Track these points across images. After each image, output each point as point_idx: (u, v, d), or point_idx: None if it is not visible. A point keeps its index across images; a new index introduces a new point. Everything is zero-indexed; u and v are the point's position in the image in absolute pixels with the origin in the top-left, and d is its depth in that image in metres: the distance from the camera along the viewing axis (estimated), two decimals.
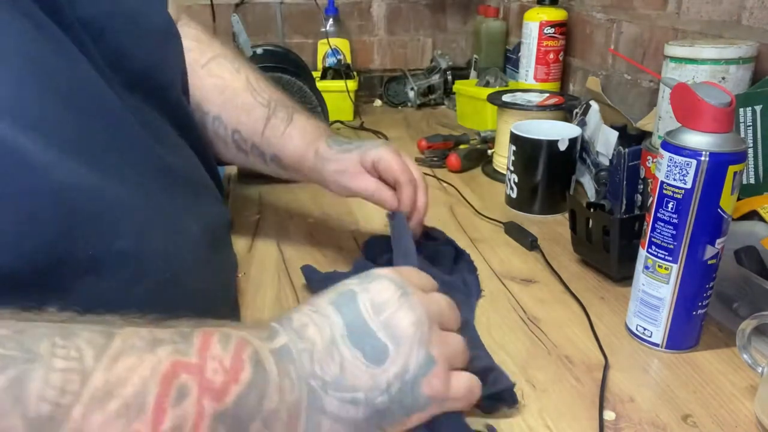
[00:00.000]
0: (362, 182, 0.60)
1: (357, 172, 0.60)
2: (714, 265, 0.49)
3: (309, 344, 0.29)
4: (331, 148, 0.61)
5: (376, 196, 0.59)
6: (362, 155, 0.59)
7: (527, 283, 0.64)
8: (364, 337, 0.29)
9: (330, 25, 1.43)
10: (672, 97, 0.47)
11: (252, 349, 0.28)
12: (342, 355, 0.29)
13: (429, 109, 1.42)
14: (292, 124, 0.64)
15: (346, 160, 0.60)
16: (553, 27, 1.11)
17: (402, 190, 0.58)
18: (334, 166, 0.60)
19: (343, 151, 0.60)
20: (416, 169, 0.61)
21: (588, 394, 0.47)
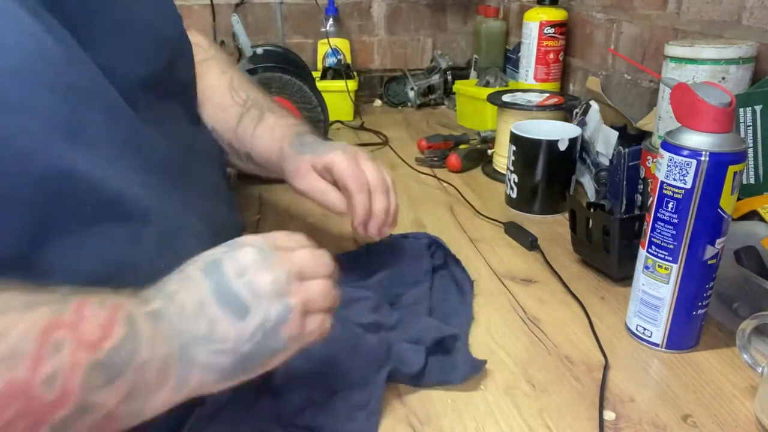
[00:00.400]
0: (309, 183, 0.59)
1: (306, 173, 0.59)
2: (714, 265, 0.49)
3: (179, 306, 0.33)
4: (292, 148, 0.61)
5: (321, 198, 0.58)
6: (314, 157, 0.58)
7: (527, 283, 0.64)
8: (229, 297, 0.34)
9: (330, 25, 1.43)
10: (672, 97, 0.47)
11: (126, 310, 0.31)
12: (210, 314, 0.33)
13: (429, 109, 1.42)
14: (261, 122, 0.65)
15: (299, 160, 0.59)
16: (553, 27, 1.11)
17: (352, 196, 0.56)
18: (289, 165, 0.60)
19: (300, 152, 0.60)
20: (375, 171, 0.58)
21: (588, 394, 0.47)
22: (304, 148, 0.60)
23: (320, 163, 0.58)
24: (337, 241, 0.73)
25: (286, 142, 0.62)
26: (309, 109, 0.87)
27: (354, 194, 0.56)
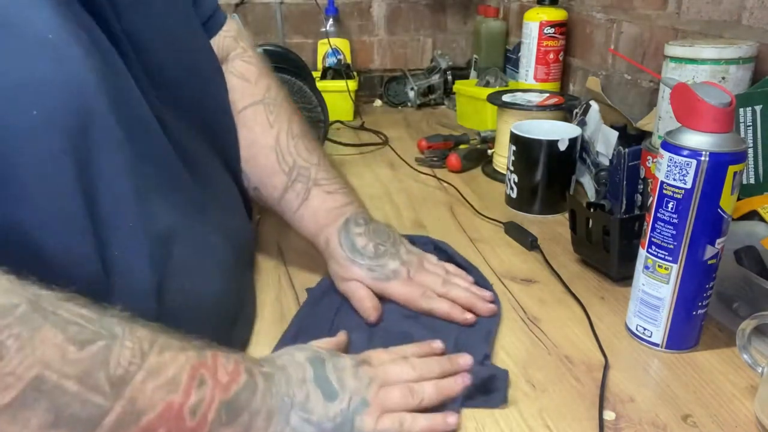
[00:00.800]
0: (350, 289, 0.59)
1: (351, 282, 0.59)
2: (714, 265, 0.49)
3: (286, 377, 0.41)
4: (343, 251, 0.59)
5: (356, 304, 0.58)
6: (371, 281, 0.58)
7: (527, 283, 0.64)
8: (325, 383, 0.41)
9: (330, 25, 1.43)
10: (672, 97, 0.47)
11: (246, 365, 0.39)
12: (308, 389, 0.41)
13: (429, 109, 1.42)
14: (306, 203, 0.62)
15: (350, 271, 0.59)
16: (553, 27, 1.11)
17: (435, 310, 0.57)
18: (336, 267, 0.60)
19: (352, 261, 0.58)
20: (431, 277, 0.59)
21: (588, 394, 0.47)
22: (356, 257, 0.58)
23: (375, 289, 0.58)
24: None
25: (334, 237, 0.60)
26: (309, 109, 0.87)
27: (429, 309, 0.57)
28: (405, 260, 0.59)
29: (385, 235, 0.61)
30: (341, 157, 1.06)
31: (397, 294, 0.58)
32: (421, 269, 0.60)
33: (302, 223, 0.62)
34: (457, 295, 0.58)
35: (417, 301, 0.57)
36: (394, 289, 0.58)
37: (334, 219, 0.61)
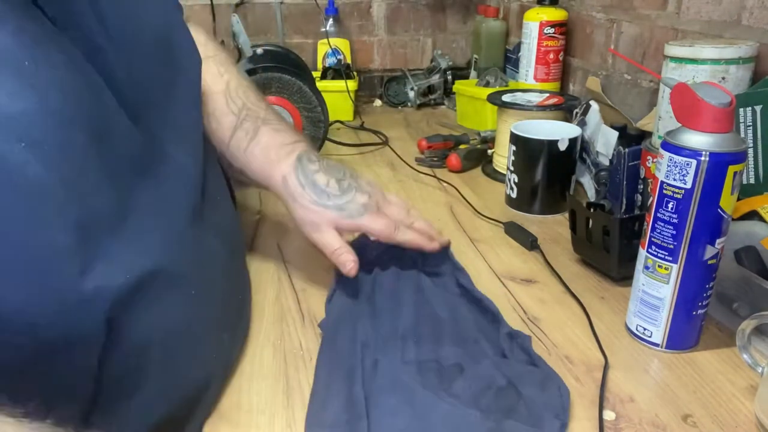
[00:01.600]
0: (323, 238, 0.57)
1: (324, 229, 0.57)
2: (714, 265, 0.49)
3: None
4: (303, 188, 0.57)
5: (332, 258, 0.57)
6: (342, 220, 0.57)
7: (527, 283, 0.64)
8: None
9: (330, 25, 1.43)
10: (672, 97, 0.47)
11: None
12: None
13: (429, 109, 1.42)
14: (255, 139, 0.61)
15: (317, 214, 0.57)
16: (553, 27, 1.11)
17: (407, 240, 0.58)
18: (300, 211, 0.58)
19: (318, 203, 0.57)
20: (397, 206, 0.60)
21: (588, 394, 0.47)
22: (323, 198, 0.57)
23: (351, 226, 0.57)
24: None
25: (291, 176, 0.58)
26: (309, 109, 0.87)
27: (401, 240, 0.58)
28: (370, 192, 0.59)
29: (341, 170, 0.60)
30: (341, 157, 1.06)
31: (373, 228, 0.57)
32: (385, 201, 0.60)
33: (253, 160, 0.61)
34: (420, 225, 0.60)
35: (392, 235, 0.57)
36: (369, 223, 0.57)
37: (286, 155, 0.60)
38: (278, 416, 0.46)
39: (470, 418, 0.43)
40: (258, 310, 0.59)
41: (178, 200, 0.45)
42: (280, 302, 0.61)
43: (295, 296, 0.62)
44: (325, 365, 0.50)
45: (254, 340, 0.55)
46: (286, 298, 0.62)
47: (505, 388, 0.46)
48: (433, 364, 0.49)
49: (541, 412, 0.44)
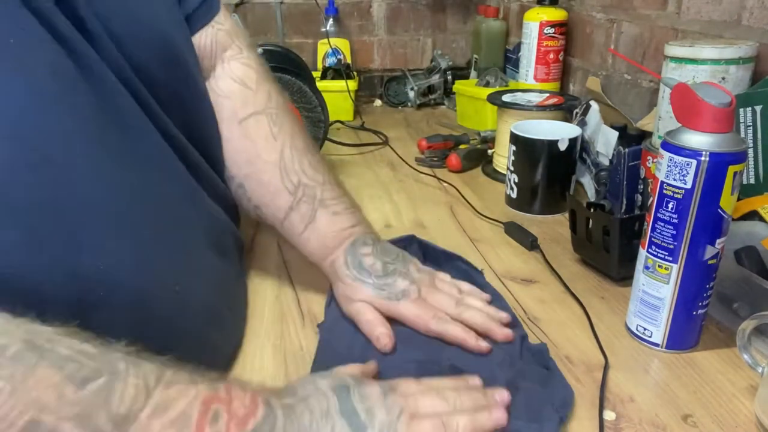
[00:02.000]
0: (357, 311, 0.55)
1: (358, 303, 0.55)
2: (714, 265, 0.49)
3: (309, 409, 0.37)
4: (348, 270, 0.56)
5: (365, 330, 0.54)
6: (378, 299, 0.55)
7: (527, 283, 0.64)
8: (352, 415, 0.38)
9: (330, 25, 1.43)
10: (672, 97, 0.47)
11: (265, 396, 0.36)
12: (334, 422, 0.37)
13: (429, 109, 1.42)
14: (312, 225, 0.58)
15: (356, 290, 0.55)
16: (553, 27, 1.11)
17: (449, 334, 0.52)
18: (342, 288, 0.57)
19: (358, 280, 0.56)
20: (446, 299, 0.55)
21: (588, 394, 0.47)
22: (363, 276, 0.55)
23: (384, 309, 0.54)
24: None
25: (340, 259, 0.57)
26: (309, 109, 0.87)
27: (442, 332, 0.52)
28: (415, 279, 0.56)
29: (394, 254, 0.58)
30: (341, 157, 1.06)
31: (407, 315, 0.54)
32: (433, 288, 0.56)
33: (308, 246, 0.59)
34: (472, 317, 0.53)
35: (428, 324, 0.53)
36: (404, 309, 0.54)
37: (341, 241, 0.58)
38: None
39: None
40: (258, 310, 0.59)
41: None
42: (280, 302, 0.61)
43: (295, 296, 0.62)
44: (321, 365, 0.50)
45: (254, 340, 0.55)
46: (286, 298, 0.62)
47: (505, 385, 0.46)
48: (434, 365, 0.49)
49: (540, 406, 0.44)
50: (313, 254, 0.59)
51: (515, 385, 0.46)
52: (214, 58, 0.60)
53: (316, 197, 0.59)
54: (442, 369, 0.48)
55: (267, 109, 0.60)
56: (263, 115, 0.60)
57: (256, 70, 0.62)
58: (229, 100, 0.59)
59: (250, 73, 0.61)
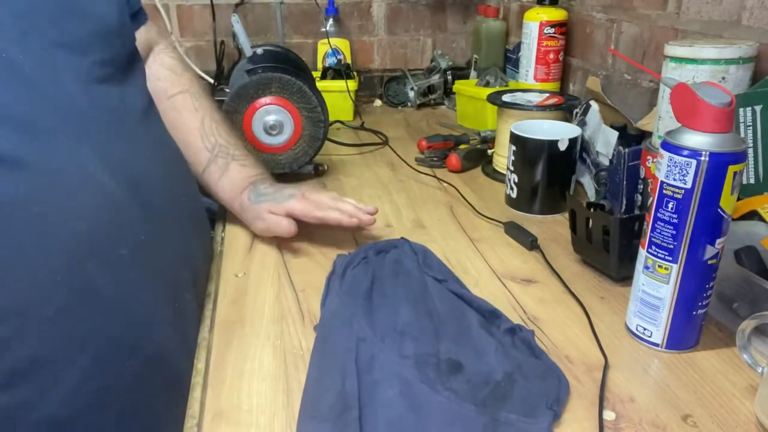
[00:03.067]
0: (266, 221, 0.71)
1: (265, 217, 0.70)
2: (714, 265, 0.49)
3: None
4: (250, 200, 0.72)
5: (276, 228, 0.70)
6: (273, 206, 0.70)
7: (527, 283, 0.64)
8: None
9: (330, 25, 1.43)
10: (672, 97, 0.47)
11: None
12: None
13: (429, 109, 1.42)
14: (225, 174, 0.74)
15: (258, 209, 0.71)
16: (553, 27, 1.11)
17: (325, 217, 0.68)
18: (248, 214, 0.73)
19: (257, 202, 0.71)
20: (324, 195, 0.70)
21: (588, 394, 0.47)
22: (261, 199, 0.72)
23: (280, 210, 0.70)
24: (337, 241, 0.73)
25: (245, 195, 0.73)
26: (309, 110, 0.87)
27: (323, 216, 0.68)
28: (300, 189, 0.72)
29: (286, 187, 0.73)
30: (341, 157, 1.06)
31: (295, 208, 0.69)
32: (315, 191, 0.71)
33: (222, 191, 0.75)
34: (344, 206, 0.69)
35: (312, 212, 0.68)
36: (293, 205, 0.69)
37: (247, 185, 0.74)
38: (278, 416, 0.46)
39: (465, 412, 0.43)
40: (258, 310, 0.59)
41: None
42: (280, 302, 0.61)
43: (295, 296, 0.62)
44: (317, 362, 0.50)
45: (254, 340, 0.55)
46: (286, 298, 0.62)
47: (503, 380, 0.46)
48: (432, 358, 0.49)
49: (535, 402, 0.44)
50: (226, 198, 0.75)
51: (512, 379, 0.46)
52: (147, 51, 0.75)
53: (229, 153, 0.76)
54: (440, 362, 0.48)
55: (190, 90, 0.77)
56: (187, 93, 0.76)
57: (181, 62, 0.79)
58: (161, 81, 0.74)
59: (176, 63, 0.78)
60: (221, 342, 0.54)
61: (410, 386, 0.45)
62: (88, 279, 0.46)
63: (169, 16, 1.38)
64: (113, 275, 0.48)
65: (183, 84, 0.76)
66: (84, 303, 0.46)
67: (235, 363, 0.51)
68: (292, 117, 0.87)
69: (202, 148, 0.74)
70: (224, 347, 0.54)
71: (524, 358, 0.49)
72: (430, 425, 0.42)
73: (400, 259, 0.63)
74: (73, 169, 0.47)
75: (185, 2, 1.38)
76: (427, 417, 0.43)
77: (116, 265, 0.49)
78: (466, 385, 0.46)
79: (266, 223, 0.70)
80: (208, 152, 0.74)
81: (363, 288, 0.58)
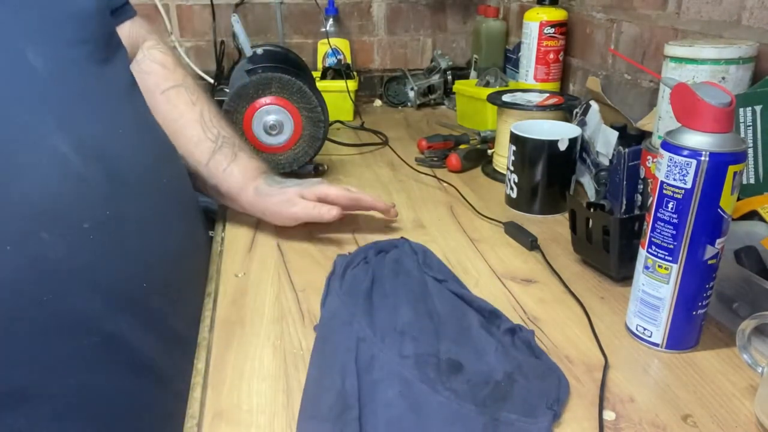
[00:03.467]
0: (302, 203, 0.69)
1: (296, 201, 0.69)
2: (714, 265, 0.49)
3: None
4: (271, 186, 0.71)
5: (313, 213, 0.69)
6: (303, 190, 0.70)
7: (527, 283, 0.64)
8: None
9: (330, 25, 1.43)
10: (672, 97, 0.47)
11: None
12: None
13: (429, 109, 1.42)
14: (235, 161, 0.73)
15: (285, 193, 0.70)
16: (553, 27, 1.11)
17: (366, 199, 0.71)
18: (277, 198, 0.70)
19: (283, 186, 0.71)
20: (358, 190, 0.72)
21: (588, 394, 0.47)
22: (287, 184, 0.71)
23: (312, 194, 0.69)
24: (337, 241, 0.73)
25: (261, 181, 0.72)
26: (309, 110, 0.87)
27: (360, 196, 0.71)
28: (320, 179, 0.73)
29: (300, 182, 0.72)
30: (341, 157, 1.06)
31: (330, 191, 0.69)
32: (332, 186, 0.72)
33: (231, 177, 0.72)
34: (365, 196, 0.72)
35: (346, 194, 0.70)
36: (325, 188, 0.69)
37: (259, 174, 0.73)
38: (278, 416, 0.46)
39: (465, 412, 0.43)
40: (258, 310, 0.59)
41: None
42: (280, 302, 0.61)
43: (295, 296, 0.62)
44: (317, 362, 0.50)
45: (254, 340, 0.55)
46: (286, 298, 0.62)
47: (503, 380, 0.46)
48: (432, 358, 0.49)
49: (535, 402, 0.44)
50: (236, 184, 0.72)
51: (512, 379, 0.46)
52: (136, 47, 0.73)
53: (236, 144, 0.74)
54: (440, 362, 0.48)
55: (184, 84, 0.75)
56: (182, 87, 0.74)
57: (173, 58, 0.77)
58: (151, 75, 0.72)
59: (167, 59, 0.76)
60: (221, 342, 0.54)
61: (410, 386, 0.45)
62: (41, 248, 0.45)
63: (169, 16, 1.38)
64: (71, 248, 0.47)
65: (176, 78, 0.75)
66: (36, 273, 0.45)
67: (235, 363, 0.51)
68: (292, 117, 0.87)
69: (205, 139, 0.72)
70: (224, 347, 0.54)
71: (524, 358, 0.49)
72: (430, 425, 0.42)
73: (400, 259, 0.63)
74: (30, 139, 0.47)
75: (185, 2, 1.38)
76: (427, 417, 0.43)
77: (75, 237, 0.48)
78: (466, 385, 0.46)
79: (298, 206, 0.69)
80: (211, 142, 0.72)
81: (363, 288, 0.58)
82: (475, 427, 0.42)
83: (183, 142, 0.71)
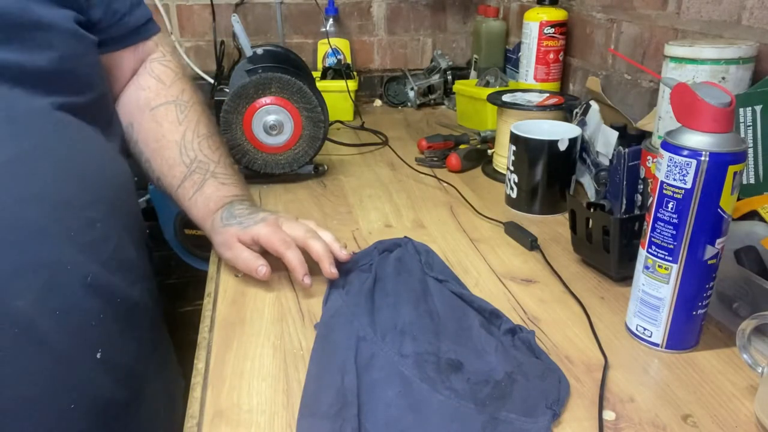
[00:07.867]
0: (233, 252, 0.64)
1: (232, 244, 0.64)
2: (714, 265, 0.49)
3: None
4: (223, 222, 0.66)
5: (245, 266, 0.63)
6: (240, 230, 0.63)
7: (527, 283, 0.64)
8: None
9: (330, 25, 1.43)
10: (672, 97, 0.47)
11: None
12: None
13: (429, 109, 1.42)
14: (200, 191, 0.69)
15: (225, 233, 0.65)
16: (553, 27, 1.11)
17: (283, 255, 0.61)
18: (217, 237, 0.66)
19: (226, 225, 0.65)
20: (297, 227, 0.63)
21: (588, 394, 0.47)
22: (231, 221, 0.65)
23: (246, 236, 0.63)
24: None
25: (217, 216, 0.67)
26: (309, 110, 0.87)
27: (283, 253, 0.60)
28: (277, 214, 0.65)
29: (264, 210, 0.67)
30: (341, 157, 1.06)
31: (260, 234, 0.61)
32: (291, 221, 0.64)
33: (195, 208, 0.69)
34: (314, 245, 0.61)
35: (275, 244, 0.61)
36: (257, 230, 0.62)
37: (222, 204, 0.68)
38: (278, 416, 0.46)
39: (465, 411, 0.43)
40: (258, 310, 0.59)
41: None
42: (280, 302, 0.61)
43: (295, 296, 0.62)
44: (318, 360, 0.50)
45: (254, 340, 0.55)
46: (286, 298, 0.62)
47: (503, 379, 0.46)
48: (432, 357, 0.49)
49: (535, 401, 0.44)
50: (198, 216, 0.69)
51: (512, 378, 0.46)
52: (140, 62, 0.73)
53: (209, 170, 0.70)
54: (440, 361, 0.48)
55: (177, 101, 0.72)
56: (173, 105, 0.72)
57: (174, 71, 0.74)
58: (145, 91, 0.72)
59: (167, 72, 0.74)
60: (221, 342, 0.54)
61: (410, 385, 0.45)
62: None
63: (169, 16, 1.38)
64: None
65: (170, 95, 0.72)
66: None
67: (235, 363, 0.51)
68: (292, 117, 0.87)
69: (180, 163, 0.69)
70: (224, 347, 0.54)
71: (524, 358, 0.49)
72: (430, 424, 0.43)
73: (403, 258, 0.63)
74: None
75: (185, 2, 1.38)
76: (427, 416, 0.43)
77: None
78: (466, 384, 0.46)
79: (232, 252, 0.63)
80: (185, 167, 0.69)
81: (365, 287, 0.58)
82: (474, 426, 0.42)
83: (159, 163, 0.70)
